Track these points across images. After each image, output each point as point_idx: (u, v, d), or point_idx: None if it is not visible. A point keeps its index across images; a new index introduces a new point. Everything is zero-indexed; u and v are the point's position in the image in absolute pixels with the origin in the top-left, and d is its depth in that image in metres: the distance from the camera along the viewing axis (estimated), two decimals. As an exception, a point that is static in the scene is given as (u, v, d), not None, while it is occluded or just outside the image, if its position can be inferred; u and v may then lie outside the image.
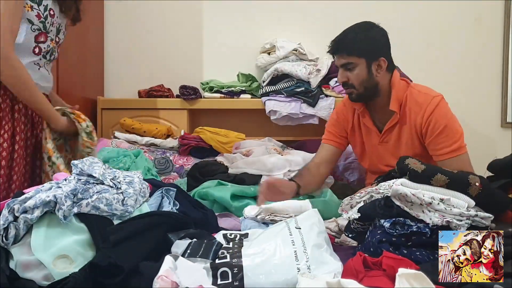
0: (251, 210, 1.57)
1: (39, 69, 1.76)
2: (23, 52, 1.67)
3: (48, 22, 1.72)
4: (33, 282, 1.01)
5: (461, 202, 1.15)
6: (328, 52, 1.93)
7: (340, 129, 2.09)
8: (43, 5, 1.70)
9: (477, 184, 1.18)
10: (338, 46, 1.88)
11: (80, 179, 1.22)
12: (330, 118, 2.17)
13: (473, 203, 1.16)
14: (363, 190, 1.38)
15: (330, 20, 3.03)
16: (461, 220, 1.13)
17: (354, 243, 1.41)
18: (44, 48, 1.75)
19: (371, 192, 1.29)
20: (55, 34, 1.79)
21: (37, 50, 1.73)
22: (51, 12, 1.73)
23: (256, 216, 1.51)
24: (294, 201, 1.62)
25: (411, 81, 2.08)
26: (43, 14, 1.70)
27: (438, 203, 1.14)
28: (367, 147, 2.04)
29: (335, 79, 2.69)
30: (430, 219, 1.13)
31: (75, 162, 1.27)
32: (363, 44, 1.85)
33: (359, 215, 1.27)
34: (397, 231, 1.17)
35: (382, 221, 1.20)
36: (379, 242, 1.18)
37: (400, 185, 1.17)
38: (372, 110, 1.99)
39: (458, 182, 1.18)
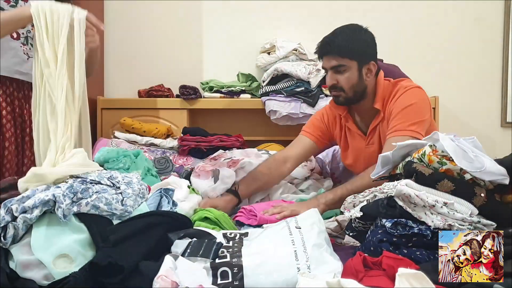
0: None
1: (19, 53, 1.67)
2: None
3: (20, 6, 1.63)
4: (33, 281, 1.01)
5: (464, 209, 1.15)
6: (316, 53, 1.86)
7: (324, 128, 2.03)
8: None
9: (482, 195, 1.16)
10: (329, 48, 1.80)
11: (77, 179, 1.22)
12: (318, 113, 2.10)
13: (476, 211, 1.15)
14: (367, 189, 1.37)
15: (330, 20, 3.00)
16: (463, 225, 1.12)
17: (357, 243, 1.41)
18: (23, 33, 1.64)
19: (375, 191, 1.29)
20: None
21: (15, 35, 1.64)
22: None
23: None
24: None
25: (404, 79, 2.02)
26: None
27: (442, 206, 1.13)
28: (354, 150, 1.98)
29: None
30: (432, 221, 1.13)
31: None
32: (355, 46, 1.79)
33: (361, 213, 1.27)
34: (398, 231, 1.16)
35: (383, 220, 1.20)
36: (380, 241, 1.18)
37: (405, 186, 1.17)
38: (356, 113, 1.95)
39: (464, 190, 1.17)
